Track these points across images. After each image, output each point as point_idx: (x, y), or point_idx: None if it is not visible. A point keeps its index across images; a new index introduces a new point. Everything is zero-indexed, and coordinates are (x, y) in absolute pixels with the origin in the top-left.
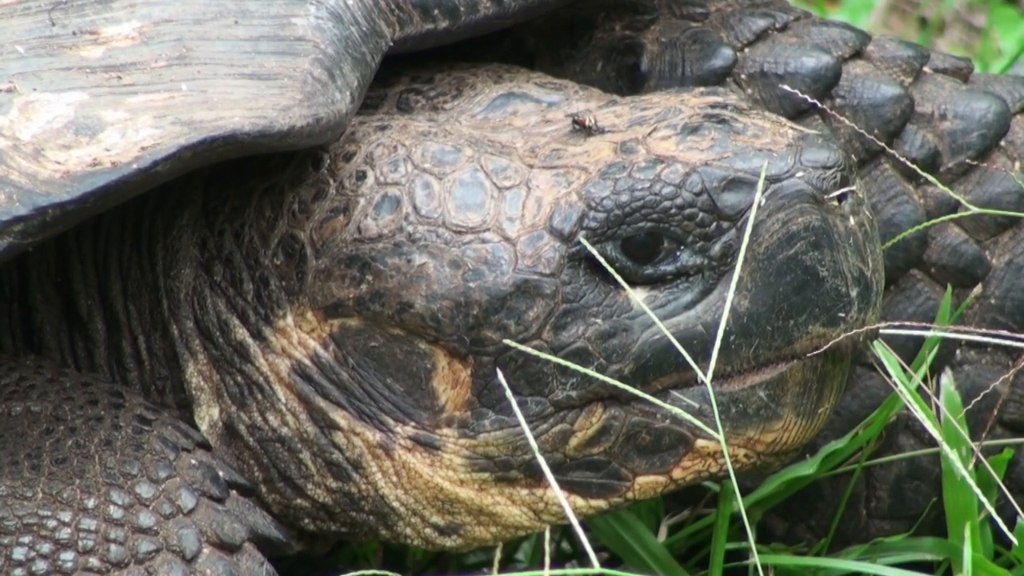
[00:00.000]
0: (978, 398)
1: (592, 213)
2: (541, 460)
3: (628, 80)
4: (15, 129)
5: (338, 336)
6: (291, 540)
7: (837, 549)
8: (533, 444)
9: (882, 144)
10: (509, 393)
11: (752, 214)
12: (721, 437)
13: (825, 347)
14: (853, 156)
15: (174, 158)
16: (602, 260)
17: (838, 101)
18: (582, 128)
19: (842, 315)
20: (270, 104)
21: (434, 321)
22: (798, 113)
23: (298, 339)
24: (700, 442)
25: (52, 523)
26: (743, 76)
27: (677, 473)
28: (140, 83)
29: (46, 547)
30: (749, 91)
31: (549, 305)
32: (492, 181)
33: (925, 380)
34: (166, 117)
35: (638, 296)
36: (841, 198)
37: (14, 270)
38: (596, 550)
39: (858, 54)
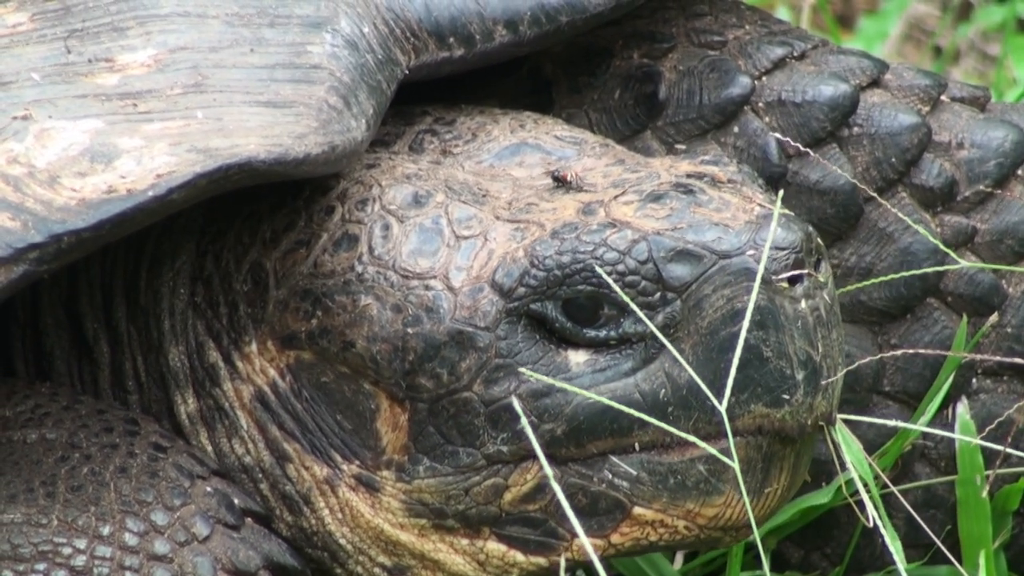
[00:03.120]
0: (992, 426)
1: (533, 271)
2: None
3: (646, 108)
4: (31, 156)
5: (294, 368)
6: (306, 567)
7: None
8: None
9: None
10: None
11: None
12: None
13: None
14: (819, 240)
15: (190, 186)
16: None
17: (856, 130)
18: (562, 184)
19: (786, 397)
20: (285, 132)
21: (373, 363)
22: (816, 141)
23: (260, 366)
24: (637, 509)
25: (67, 550)
26: (761, 104)
27: (615, 538)
28: (156, 110)
29: (61, 574)
30: (767, 119)
31: (482, 358)
32: (452, 229)
33: (942, 408)
34: (181, 144)
35: (578, 358)
36: (794, 280)
37: (27, 295)
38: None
39: (876, 83)
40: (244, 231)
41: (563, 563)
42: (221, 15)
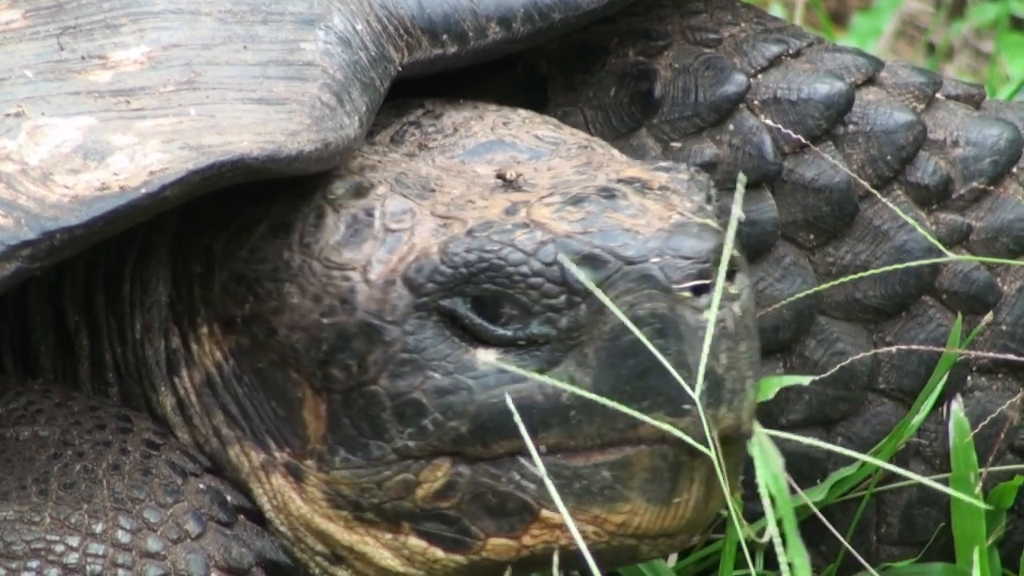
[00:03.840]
0: (985, 422)
1: (442, 267)
2: None
3: (641, 106)
4: (23, 153)
5: (236, 352)
6: (298, 565)
7: (846, 575)
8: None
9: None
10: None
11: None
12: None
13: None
14: (736, 252)
15: (183, 183)
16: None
17: (851, 127)
18: (506, 182)
19: (687, 407)
20: (279, 129)
21: (293, 352)
22: (811, 139)
23: (208, 349)
24: (545, 512)
25: (60, 548)
26: (756, 102)
27: (527, 540)
28: (149, 108)
29: (54, 572)
30: (762, 117)
31: (388, 352)
32: (384, 222)
33: (936, 406)
34: (175, 142)
35: (486, 357)
36: (699, 291)
37: (16, 292)
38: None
39: (871, 80)
40: (207, 215)
41: (556, 560)
42: (214, 12)
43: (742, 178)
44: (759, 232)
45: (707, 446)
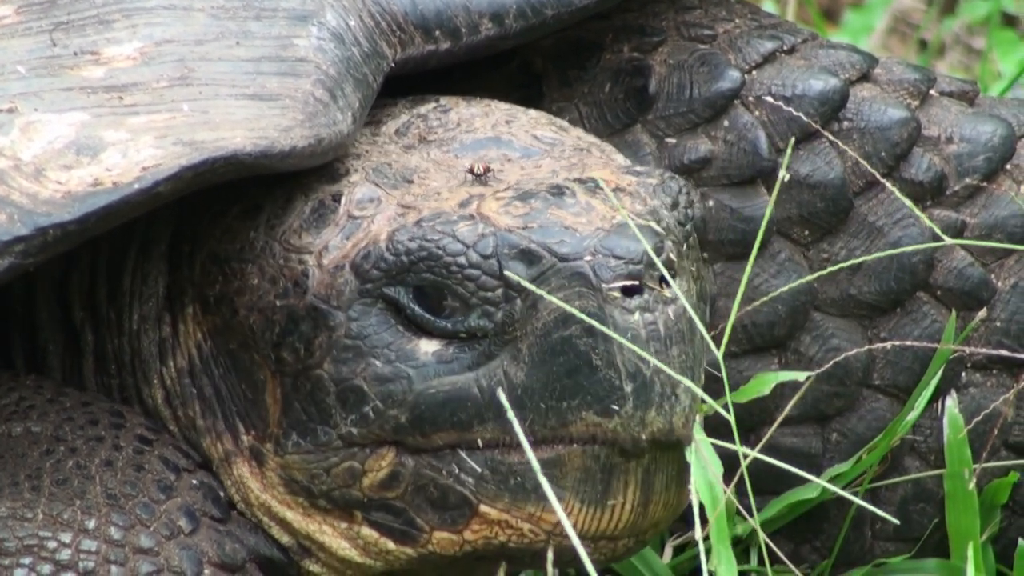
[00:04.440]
0: (979, 418)
1: (386, 255)
2: None
3: (636, 102)
4: (16, 149)
5: (212, 332)
6: (292, 559)
7: (841, 571)
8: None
9: (887, 167)
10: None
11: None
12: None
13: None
14: (673, 255)
15: (176, 178)
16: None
17: (845, 124)
18: (474, 176)
19: (615, 408)
20: (272, 125)
21: (251, 333)
22: (805, 136)
23: (192, 330)
24: (483, 507)
25: (52, 544)
26: (751, 98)
27: (468, 535)
28: (141, 103)
29: (47, 568)
30: (757, 113)
31: (332, 337)
32: (348, 208)
33: (931, 402)
34: (167, 137)
35: (428, 348)
36: (630, 292)
37: (22, 290)
38: (600, 571)
39: (865, 77)
40: (201, 201)
41: (551, 556)
42: (207, 8)
43: (792, 141)
44: (754, 228)
45: (638, 448)
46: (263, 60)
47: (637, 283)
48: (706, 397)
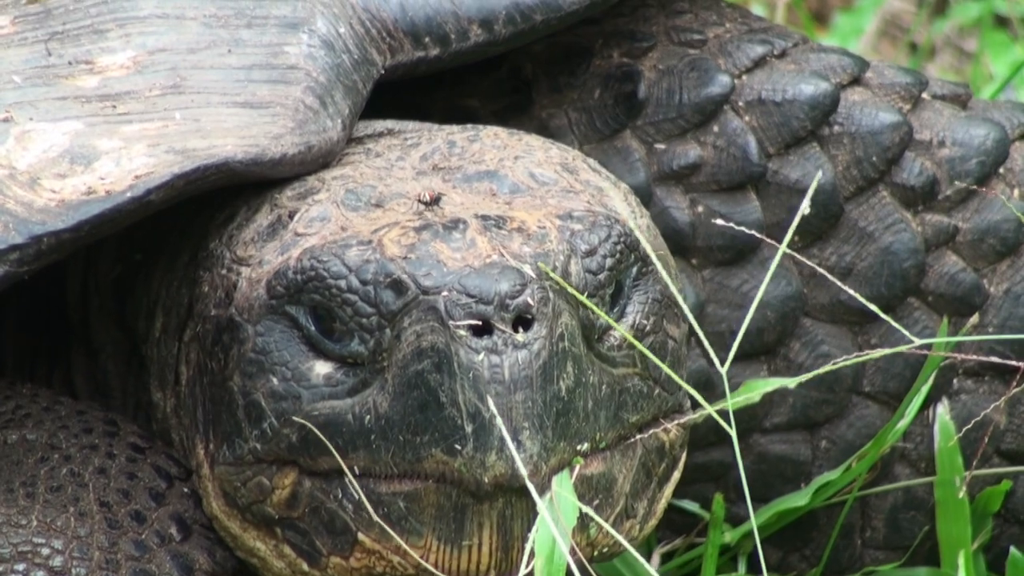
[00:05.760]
0: (969, 426)
1: (288, 273)
2: None
3: (625, 107)
4: (11, 158)
5: (197, 340)
6: None
7: None
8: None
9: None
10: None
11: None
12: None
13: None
14: (532, 299)
15: (167, 186)
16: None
17: (836, 128)
18: (421, 204)
19: (458, 447)
20: (262, 132)
21: (200, 341)
22: (796, 140)
23: (189, 337)
24: (360, 535)
25: (46, 551)
26: (741, 103)
27: (354, 562)
28: (134, 112)
29: (40, 574)
30: (747, 118)
31: (241, 350)
32: (297, 226)
33: (922, 409)
34: (160, 146)
35: (321, 369)
36: (479, 332)
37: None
38: None
39: (856, 81)
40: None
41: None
42: (199, 16)
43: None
44: (743, 234)
45: (481, 491)
46: (254, 68)
47: (481, 323)
48: (563, 450)
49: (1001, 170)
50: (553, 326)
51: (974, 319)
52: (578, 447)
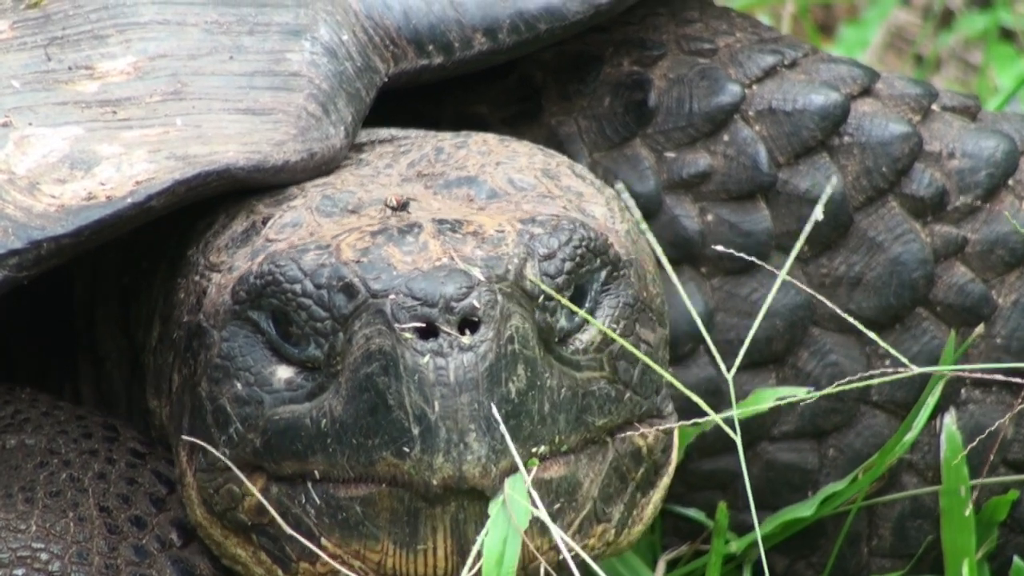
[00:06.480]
0: (983, 436)
1: (250, 278)
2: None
3: (635, 116)
4: (10, 163)
5: None
6: None
7: None
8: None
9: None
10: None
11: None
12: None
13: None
14: (478, 303)
15: (168, 192)
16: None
17: (846, 139)
18: (388, 209)
19: (406, 450)
20: (264, 139)
21: (175, 346)
22: (806, 150)
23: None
24: (324, 540)
25: (45, 556)
26: (751, 113)
27: (320, 568)
28: (135, 118)
29: None
30: (757, 127)
31: (208, 355)
32: (269, 232)
33: (931, 419)
34: (161, 151)
35: (283, 374)
36: (425, 335)
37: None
38: None
39: (867, 92)
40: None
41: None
42: (200, 23)
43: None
44: (753, 243)
45: (431, 493)
46: (256, 74)
47: (424, 325)
48: (513, 451)
49: (1010, 182)
50: (501, 329)
51: (980, 329)
52: (533, 449)
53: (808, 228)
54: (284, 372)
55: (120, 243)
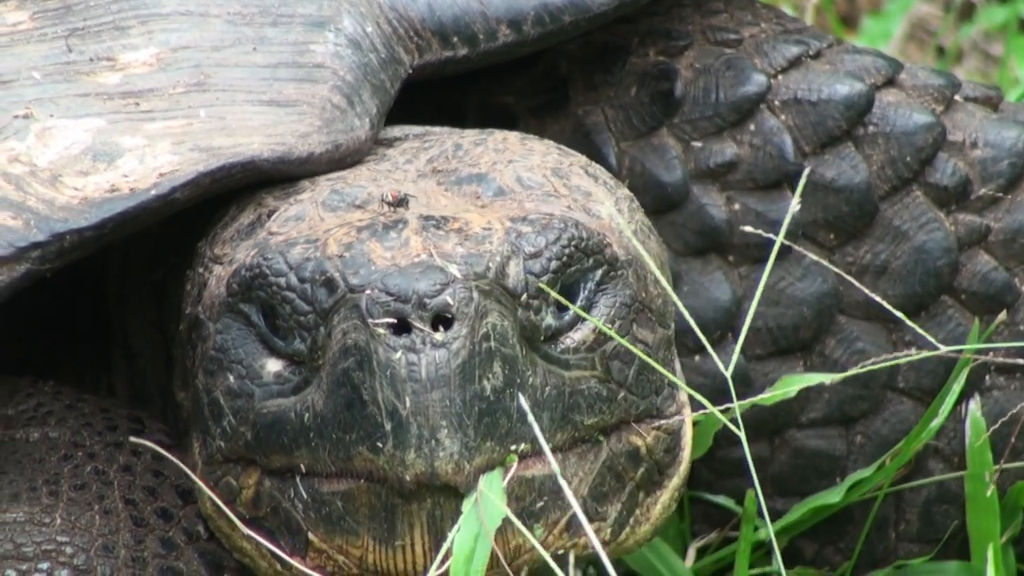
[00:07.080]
0: (1005, 418)
1: (241, 271)
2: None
3: (662, 105)
4: (32, 155)
5: None
6: None
7: (864, 572)
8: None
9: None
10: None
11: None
12: None
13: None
14: (453, 300)
15: (192, 184)
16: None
17: (871, 128)
18: (385, 204)
19: (380, 445)
20: (289, 131)
21: (181, 336)
22: (831, 140)
23: None
24: (310, 535)
25: (70, 549)
26: (777, 102)
27: (310, 563)
28: (158, 109)
29: (64, 573)
30: (783, 117)
31: (204, 348)
32: (272, 226)
33: (956, 405)
34: (184, 143)
35: (272, 367)
36: (398, 330)
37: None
38: (623, 574)
39: (891, 82)
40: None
41: (572, 559)
42: (223, 14)
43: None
44: (779, 231)
45: (404, 489)
46: (280, 66)
47: (397, 321)
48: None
49: None
50: (476, 326)
51: (1003, 316)
52: (512, 447)
53: (787, 219)
54: (273, 365)
55: (150, 237)
